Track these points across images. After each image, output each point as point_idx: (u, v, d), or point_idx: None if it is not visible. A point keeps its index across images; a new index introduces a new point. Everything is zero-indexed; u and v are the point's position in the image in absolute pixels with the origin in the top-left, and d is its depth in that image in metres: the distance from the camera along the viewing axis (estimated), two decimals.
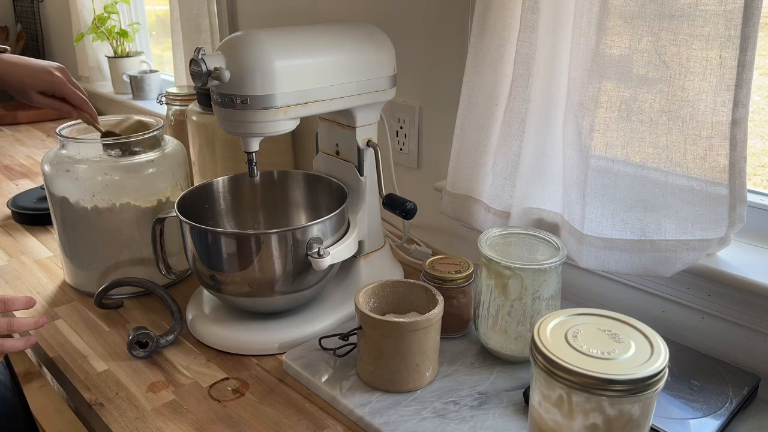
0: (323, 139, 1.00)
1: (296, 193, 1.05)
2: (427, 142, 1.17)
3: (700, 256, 0.79)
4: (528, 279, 0.76)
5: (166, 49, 2.09)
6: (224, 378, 0.83)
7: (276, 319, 0.91)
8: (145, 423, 0.75)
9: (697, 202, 0.77)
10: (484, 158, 0.95)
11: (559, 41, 0.84)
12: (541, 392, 0.59)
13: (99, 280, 1.00)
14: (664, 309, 0.90)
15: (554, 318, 0.62)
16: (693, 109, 0.74)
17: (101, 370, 0.85)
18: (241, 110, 0.81)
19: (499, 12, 0.88)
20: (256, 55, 0.79)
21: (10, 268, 1.14)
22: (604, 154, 0.81)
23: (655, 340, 0.59)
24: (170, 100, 1.43)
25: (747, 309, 0.81)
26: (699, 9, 0.70)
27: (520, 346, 0.80)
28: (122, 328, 0.95)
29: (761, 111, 1.03)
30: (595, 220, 0.83)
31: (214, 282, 0.87)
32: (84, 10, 2.17)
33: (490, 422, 0.72)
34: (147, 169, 0.99)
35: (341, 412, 0.76)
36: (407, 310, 0.83)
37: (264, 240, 0.82)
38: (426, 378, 0.78)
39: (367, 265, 0.99)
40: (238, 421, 0.75)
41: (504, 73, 0.90)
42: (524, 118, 0.88)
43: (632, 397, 0.55)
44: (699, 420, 0.70)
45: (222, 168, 1.29)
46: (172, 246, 1.01)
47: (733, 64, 0.70)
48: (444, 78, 1.10)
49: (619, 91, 0.78)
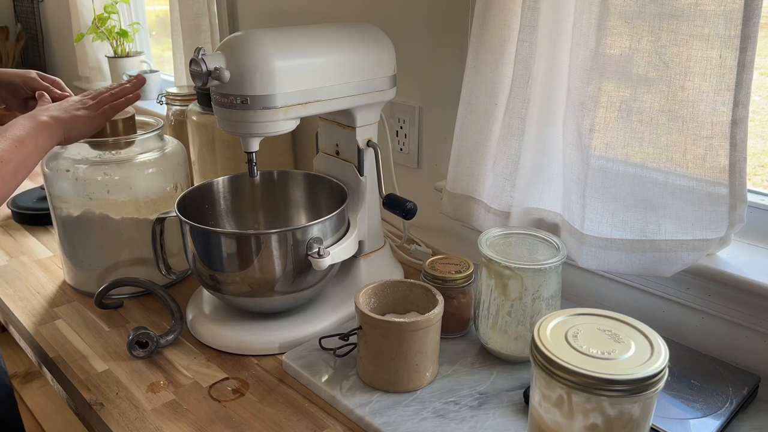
0: (323, 139, 1.00)
1: (296, 193, 1.05)
2: (427, 142, 1.17)
3: (700, 256, 0.79)
4: (528, 279, 0.76)
5: (166, 49, 2.09)
6: (224, 378, 0.83)
7: (276, 319, 0.91)
8: (145, 423, 0.75)
9: (697, 202, 0.77)
10: (484, 158, 0.95)
11: (559, 41, 0.84)
12: (541, 392, 0.59)
13: (99, 280, 1.00)
14: (664, 309, 0.90)
15: (554, 318, 0.62)
16: (693, 109, 0.74)
17: (101, 370, 0.85)
18: (241, 110, 0.81)
19: (499, 12, 0.88)
20: (256, 55, 0.79)
21: (10, 268, 1.14)
22: (604, 154, 0.81)
23: (655, 340, 0.59)
24: (170, 100, 1.43)
25: (747, 309, 0.81)
26: (699, 9, 0.70)
27: (520, 346, 0.80)
28: (122, 328, 0.95)
29: (761, 111, 1.03)
30: (595, 220, 0.83)
31: (214, 282, 0.87)
32: (84, 10, 2.16)
33: (490, 422, 0.72)
34: (147, 169, 0.99)
35: (341, 412, 0.76)
36: (407, 310, 0.83)
37: (264, 240, 0.82)
38: (426, 378, 0.78)
39: (367, 265, 0.99)
40: (238, 421, 0.75)
41: (504, 73, 0.90)
42: (524, 118, 0.88)
43: (632, 397, 0.55)
44: (699, 420, 0.70)
45: (222, 168, 1.29)
46: (172, 246, 1.01)
47: (733, 64, 0.70)
48: (444, 78, 1.10)
49: (619, 91, 0.78)
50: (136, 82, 0.97)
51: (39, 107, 0.86)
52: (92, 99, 0.91)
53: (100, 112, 0.90)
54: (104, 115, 0.90)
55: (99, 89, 0.94)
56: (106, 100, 0.91)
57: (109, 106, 0.91)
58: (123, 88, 0.94)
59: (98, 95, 0.92)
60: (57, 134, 0.83)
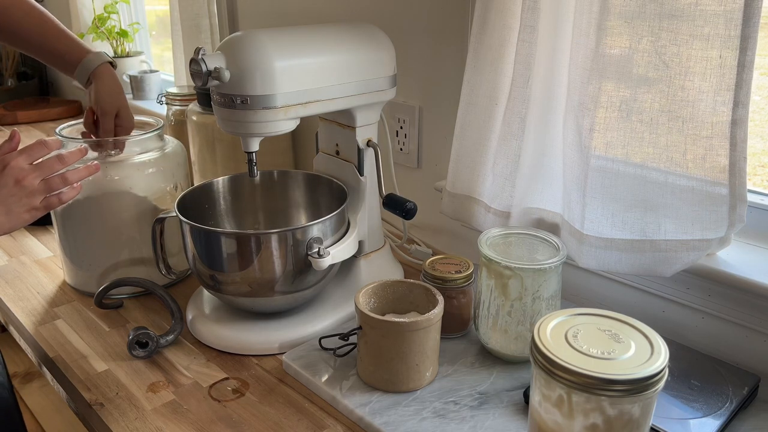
0: (323, 139, 1.00)
1: (296, 193, 1.05)
2: (427, 142, 1.17)
3: (700, 256, 0.79)
4: (528, 279, 0.76)
5: (166, 49, 2.09)
6: (224, 378, 0.83)
7: (276, 319, 0.91)
8: (145, 423, 0.75)
9: (697, 202, 0.77)
10: (484, 158, 0.95)
11: (559, 41, 0.84)
12: (541, 392, 0.59)
13: (99, 280, 1.00)
14: (664, 309, 0.90)
15: (554, 318, 0.62)
16: (693, 109, 0.74)
17: (101, 370, 0.85)
18: (241, 110, 0.81)
19: (499, 12, 0.88)
20: (256, 55, 0.79)
21: (10, 268, 1.14)
22: (604, 154, 0.81)
23: (655, 340, 0.59)
24: (170, 100, 1.43)
25: (747, 309, 0.81)
26: (699, 9, 0.70)
27: (520, 346, 0.80)
28: (122, 328, 0.95)
29: (761, 111, 1.03)
30: (595, 220, 0.83)
31: (214, 282, 0.87)
32: (84, 10, 2.16)
33: (490, 422, 0.72)
34: (147, 169, 0.99)
35: (341, 412, 0.76)
36: (407, 310, 0.83)
37: (264, 240, 0.82)
38: (426, 378, 0.78)
39: (367, 265, 0.99)
40: (238, 421, 0.75)
41: (504, 73, 0.90)
42: (524, 118, 0.88)
43: (632, 397, 0.55)
44: (699, 420, 0.70)
45: (222, 168, 1.29)
46: (172, 246, 1.01)
47: (733, 64, 0.70)
48: (444, 78, 1.10)
49: (619, 91, 0.78)
50: (91, 167, 0.85)
51: None
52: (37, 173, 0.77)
53: (42, 202, 0.78)
54: (47, 207, 0.79)
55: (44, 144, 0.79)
56: (53, 184, 0.78)
57: (56, 197, 0.79)
58: (72, 153, 0.81)
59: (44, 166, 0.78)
60: None
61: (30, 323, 0.96)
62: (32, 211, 0.77)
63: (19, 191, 0.75)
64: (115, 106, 1.02)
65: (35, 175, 0.76)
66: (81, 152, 0.84)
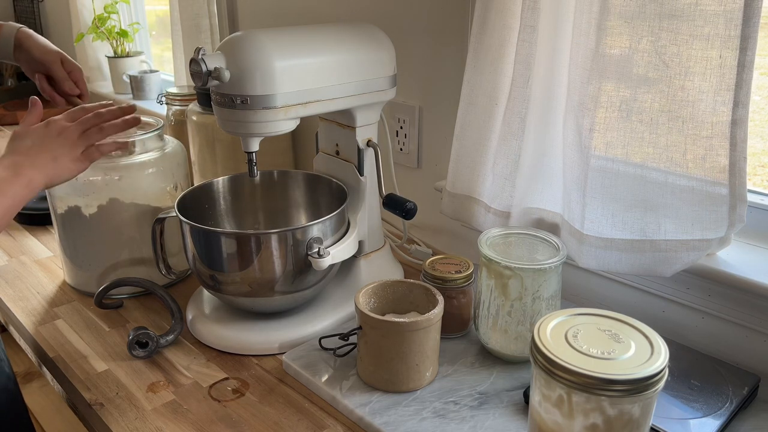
0: (323, 139, 1.00)
1: (296, 193, 1.05)
2: (427, 142, 1.17)
3: (700, 256, 0.79)
4: (528, 279, 0.76)
5: (166, 49, 2.09)
6: (224, 378, 0.83)
7: (276, 319, 0.91)
8: (145, 423, 0.75)
9: (697, 202, 0.77)
10: (484, 158, 0.95)
11: (559, 41, 0.84)
12: (541, 392, 0.59)
13: (99, 280, 1.00)
14: (664, 309, 0.90)
15: (554, 318, 0.62)
16: (693, 109, 0.74)
17: (101, 370, 0.85)
18: (241, 110, 0.81)
19: (499, 12, 0.88)
20: (256, 55, 0.79)
21: (10, 268, 1.14)
22: (604, 154, 0.81)
23: (655, 340, 0.59)
24: (170, 100, 1.43)
25: (747, 309, 0.81)
26: (699, 9, 0.70)
27: (520, 346, 0.80)
28: (122, 328, 0.95)
29: (761, 111, 1.03)
30: (595, 220, 0.83)
31: (214, 282, 0.87)
32: (84, 10, 2.16)
33: (490, 422, 0.72)
34: (147, 169, 0.99)
35: (341, 412, 0.76)
36: (407, 310, 0.83)
37: (264, 240, 0.82)
38: (426, 378, 0.78)
39: (367, 265, 0.99)
40: (238, 421, 0.75)
41: (504, 73, 0.90)
42: (524, 118, 0.88)
43: (632, 397, 0.55)
44: (699, 420, 0.70)
45: (222, 168, 1.29)
46: (172, 246, 1.01)
47: (733, 64, 0.70)
48: (444, 78, 1.10)
49: (619, 91, 0.78)
50: (126, 108, 0.88)
51: (15, 140, 0.79)
52: (76, 125, 0.82)
53: (84, 154, 0.82)
54: (88, 158, 0.83)
55: (84, 108, 0.86)
56: (92, 135, 0.83)
57: (95, 148, 0.84)
58: (110, 111, 0.86)
59: (83, 120, 0.83)
60: (37, 187, 0.77)
61: (30, 323, 0.96)
62: (77, 162, 0.82)
63: (63, 141, 0.81)
64: (57, 55, 1.05)
65: (75, 127, 0.82)
66: (122, 110, 0.88)
